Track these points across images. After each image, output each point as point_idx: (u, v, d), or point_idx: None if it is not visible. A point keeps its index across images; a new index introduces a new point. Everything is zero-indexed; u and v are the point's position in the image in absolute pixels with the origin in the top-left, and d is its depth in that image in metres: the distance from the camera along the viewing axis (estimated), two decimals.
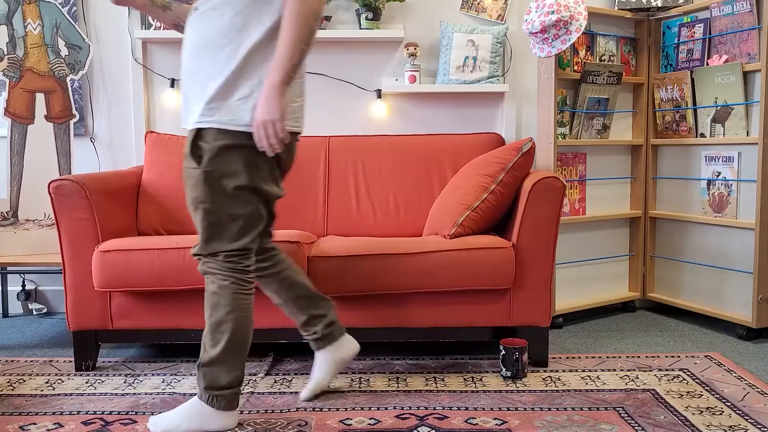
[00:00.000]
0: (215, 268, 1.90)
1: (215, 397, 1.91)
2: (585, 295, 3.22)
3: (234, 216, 1.88)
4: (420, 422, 2.00)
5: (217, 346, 1.90)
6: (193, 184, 1.88)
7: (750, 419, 1.99)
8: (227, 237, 1.88)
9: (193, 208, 1.90)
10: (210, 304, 1.91)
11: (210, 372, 1.90)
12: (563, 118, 3.08)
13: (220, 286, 1.89)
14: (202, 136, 1.85)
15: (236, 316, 1.90)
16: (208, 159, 1.84)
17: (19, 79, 3.03)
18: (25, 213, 3.03)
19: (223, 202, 1.86)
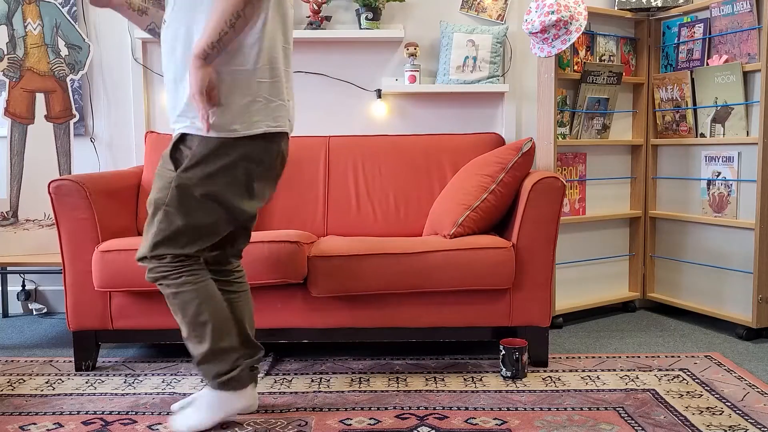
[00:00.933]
0: (164, 271, 1.88)
1: (225, 382, 1.91)
2: (585, 295, 3.22)
3: (194, 224, 1.87)
4: (420, 422, 2.00)
5: (205, 340, 1.89)
6: (163, 185, 1.87)
7: (750, 419, 1.99)
8: (179, 242, 1.87)
9: (154, 208, 1.88)
10: (177, 305, 1.89)
11: (209, 366, 1.91)
12: (563, 118, 3.08)
13: (177, 284, 1.88)
14: (186, 140, 1.86)
15: (207, 304, 1.89)
16: (186, 166, 1.84)
17: (19, 79, 3.03)
18: (25, 213, 3.03)
19: (189, 208, 1.85)
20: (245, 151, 1.86)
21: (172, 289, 1.89)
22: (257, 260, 2.34)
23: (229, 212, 1.90)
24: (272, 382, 2.34)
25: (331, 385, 2.31)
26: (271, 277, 2.35)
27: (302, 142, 3.03)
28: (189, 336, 1.91)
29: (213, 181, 1.85)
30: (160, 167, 1.90)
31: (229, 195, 1.87)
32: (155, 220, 1.88)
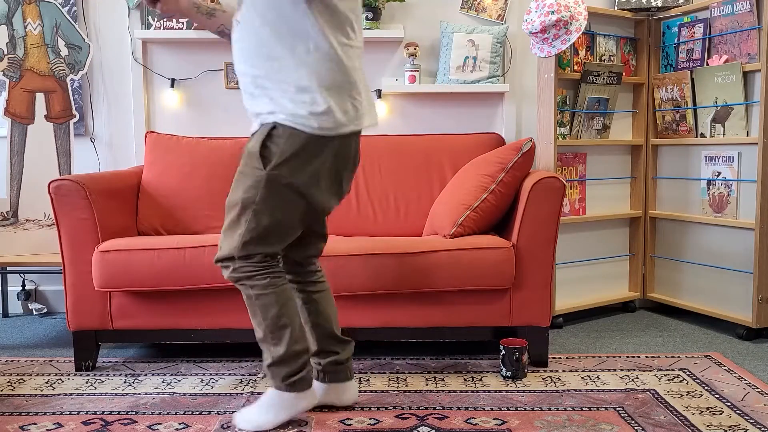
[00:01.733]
0: (250, 271, 1.88)
1: (293, 383, 1.92)
2: (585, 295, 3.22)
3: (281, 221, 1.87)
4: (420, 422, 2.00)
5: (281, 343, 1.90)
6: (252, 184, 1.85)
7: (750, 419, 1.99)
8: (268, 241, 1.87)
9: (240, 208, 1.86)
10: (258, 306, 1.89)
11: (281, 369, 1.91)
12: (563, 118, 3.08)
13: (261, 286, 1.88)
14: (273, 137, 1.83)
15: (287, 307, 1.90)
16: (276, 163, 1.82)
17: (19, 79, 3.03)
18: (25, 213, 3.03)
19: (278, 206, 1.85)
20: (332, 147, 1.86)
21: (256, 291, 1.88)
22: None
23: (314, 208, 1.90)
24: None
25: None
26: None
27: None
28: (265, 338, 1.91)
29: (302, 178, 1.84)
30: (245, 166, 1.88)
31: (316, 191, 1.87)
32: (243, 220, 1.86)
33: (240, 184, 1.88)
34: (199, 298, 2.44)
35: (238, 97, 3.28)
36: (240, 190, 1.88)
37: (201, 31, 3.11)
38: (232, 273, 1.90)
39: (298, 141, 1.83)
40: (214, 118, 3.29)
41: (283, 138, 1.83)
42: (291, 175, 1.84)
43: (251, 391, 2.26)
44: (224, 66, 3.25)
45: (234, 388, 2.29)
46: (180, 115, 3.29)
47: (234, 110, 3.28)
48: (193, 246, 2.37)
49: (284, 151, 1.83)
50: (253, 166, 1.86)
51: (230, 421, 2.02)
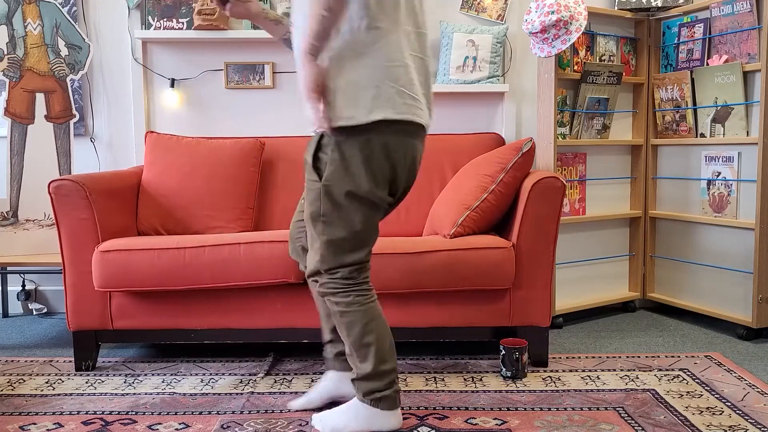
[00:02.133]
0: (334, 287, 1.87)
1: (378, 399, 1.89)
2: (585, 295, 3.22)
3: (353, 228, 1.84)
4: (420, 422, 2.00)
5: (367, 360, 1.88)
6: (314, 198, 1.84)
7: (750, 419, 1.99)
8: (346, 250, 1.85)
9: (312, 222, 1.86)
10: (343, 323, 1.88)
11: (366, 384, 1.89)
12: (563, 118, 3.08)
13: (346, 304, 1.87)
14: (322, 147, 1.81)
15: (373, 325, 1.88)
16: (328, 173, 1.80)
17: (19, 79, 3.03)
18: (25, 213, 3.03)
19: (342, 213, 1.82)
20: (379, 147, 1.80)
21: (341, 308, 1.87)
22: (257, 260, 2.35)
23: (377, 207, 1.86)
24: (272, 382, 2.34)
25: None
26: (271, 277, 2.35)
27: (302, 142, 3.03)
28: (351, 353, 1.90)
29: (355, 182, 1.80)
30: (307, 179, 1.87)
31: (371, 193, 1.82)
32: (317, 233, 1.86)
33: (307, 198, 1.87)
34: (199, 298, 2.44)
35: (238, 97, 3.28)
36: (308, 203, 1.86)
37: (201, 31, 3.11)
38: (319, 288, 1.90)
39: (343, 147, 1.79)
40: (214, 118, 3.29)
41: (331, 146, 1.80)
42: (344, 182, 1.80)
43: (251, 391, 2.26)
44: (224, 66, 3.25)
45: (234, 388, 2.29)
46: (180, 115, 3.29)
47: (234, 110, 3.28)
48: (193, 246, 2.37)
49: (333, 159, 1.80)
50: (311, 178, 1.84)
51: (230, 421, 2.02)
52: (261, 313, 2.44)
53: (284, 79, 3.28)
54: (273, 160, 2.99)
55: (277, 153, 3.00)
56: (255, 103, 3.29)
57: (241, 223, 2.77)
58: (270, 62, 3.25)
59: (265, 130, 3.29)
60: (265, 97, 3.29)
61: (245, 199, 2.81)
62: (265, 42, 3.24)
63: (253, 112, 3.29)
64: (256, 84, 3.27)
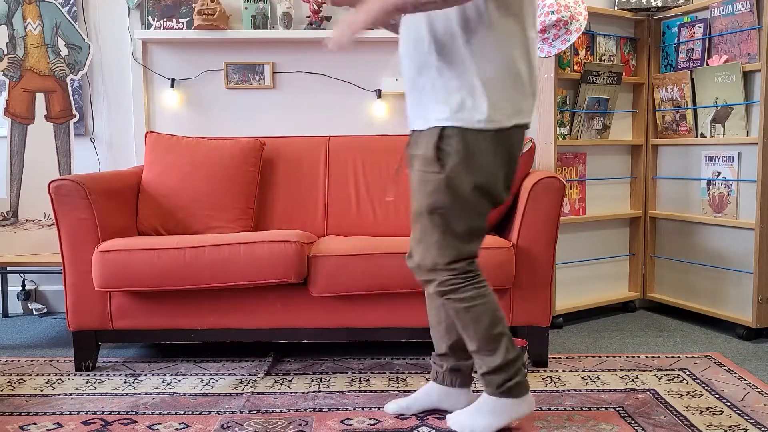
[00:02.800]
0: (456, 284, 1.82)
1: (510, 389, 1.85)
2: (585, 295, 3.22)
3: (471, 222, 1.81)
4: (420, 422, 2.00)
5: (497, 352, 1.83)
6: (432, 189, 1.79)
7: (750, 419, 1.99)
8: (464, 243, 1.81)
9: (428, 215, 1.81)
10: (470, 319, 1.82)
11: (497, 377, 1.84)
12: (563, 118, 3.08)
13: (470, 298, 1.82)
14: (444, 138, 1.77)
15: (499, 314, 1.84)
16: (454, 164, 1.77)
17: (19, 79, 3.03)
18: (25, 213, 3.03)
19: (462, 205, 1.79)
20: (504, 141, 1.80)
21: (465, 304, 1.82)
22: (257, 260, 2.35)
23: (493, 204, 1.85)
24: (272, 382, 2.34)
25: (331, 385, 2.31)
26: (271, 277, 2.35)
27: (302, 142, 3.03)
28: (480, 349, 1.84)
29: (481, 174, 1.78)
30: (422, 171, 1.81)
31: (493, 186, 1.81)
32: (433, 226, 1.80)
33: (421, 191, 1.82)
34: (199, 298, 2.44)
35: (238, 97, 3.28)
36: (422, 196, 1.81)
37: (201, 31, 3.11)
38: (438, 287, 1.83)
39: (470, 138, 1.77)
40: (214, 118, 3.29)
41: (456, 137, 1.77)
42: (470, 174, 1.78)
43: (251, 391, 2.26)
44: (224, 66, 3.25)
45: (234, 388, 2.29)
46: (180, 115, 3.29)
47: (234, 110, 3.28)
48: (193, 246, 2.37)
49: (458, 150, 1.77)
50: (430, 170, 1.79)
51: (230, 421, 2.02)
52: (261, 313, 2.44)
53: (284, 79, 3.28)
54: (273, 160, 2.99)
55: (277, 153, 3.00)
56: (255, 103, 3.29)
57: (241, 223, 2.78)
58: (270, 62, 3.25)
59: (265, 130, 3.29)
60: (265, 97, 3.29)
61: (245, 199, 2.81)
62: (265, 42, 3.24)
63: (253, 112, 3.29)
64: (256, 84, 3.27)
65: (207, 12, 3.06)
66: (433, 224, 1.80)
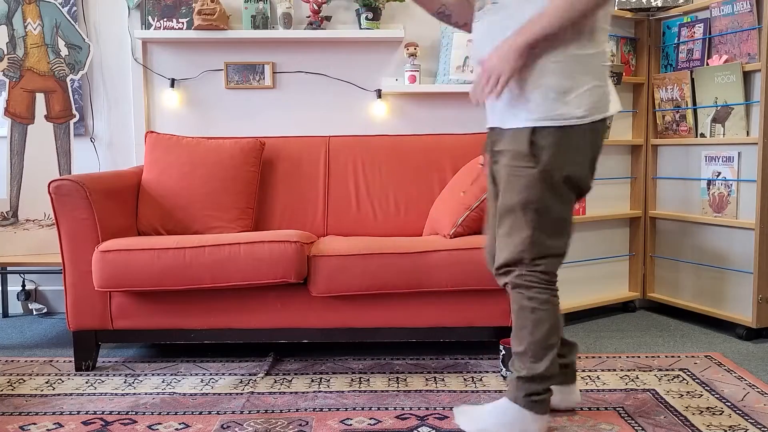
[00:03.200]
0: (533, 281, 1.82)
1: (534, 403, 1.83)
2: (585, 295, 3.22)
3: (562, 217, 1.82)
4: (420, 422, 2.00)
5: (542, 362, 1.82)
6: (525, 185, 1.79)
7: (750, 419, 1.99)
8: (549, 239, 1.81)
9: (520, 210, 1.80)
10: (530, 320, 1.82)
11: (532, 385, 1.83)
12: None
13: (540, 300, 1.81)
14: (538, 133, 1.78)
15: (557, 327, 1.84)
16: (548, 158, 1.77)
17: (19, 79, 3.03)
18: (25, 213, 3.03)
19: (554, 199, 1.80)
20: (593, 135, 1.82)
21: (534, 304, 1.81)
22: (257, 260, 2.34)
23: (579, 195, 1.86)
24: (272, 382, 2.34)
25: (331, 385, 2.31)
26: (271, 277, 2.35)
27: (302, 142, 3.03)
28: (525, 352, 1.83)
29: (573, 168, 1.80)
30: (512, 167, 1.81)
31: (583, 178, 1.83)
32: (525, 221, 1.80)
33: (511, 186, 1.82)
34: (199, 298, 2.44)
35: (238, 97, 3.28)
36: (513, 192, 1.81)
37: (201, 31, 3.11)
38: (514, 278, 1.83)
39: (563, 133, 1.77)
40: (214, 118, 3.29)
41: (550, 132, 1.77)
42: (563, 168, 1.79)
43: (251, 391, 2.26)
44: (224, 66, 3.25)
45: (234, 388, 2.29)
46: (180, 115, 3.29)
47: (234, 110, 3.28)
48: (193, 246, 2.37)
49: (553, 145, 1.77)
50: (523, 164, 1.79)
51: (230, 421, 2.02)
52: (261, 313, 2.44)
53: (284, 79, 3.28)
54: (273, 160, 2.99)
55: (277, 153, 3.00)
56: (255, 103, 3.29)
57: (241, 223, 2.78)
58: (270, 62, 3.25)
59: (265, 130, 3.29)
60: (265, 97, 3.29)
61: (245, 199, 2.81)
62: (265, 42, 3.24)
63: (253, 112, 3.29)
64: (256, 84, 3.27)
65: (207, 12, 3.06)
66: (525, 219, 1.81)
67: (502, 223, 1.85)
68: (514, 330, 1.87)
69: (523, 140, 1.79)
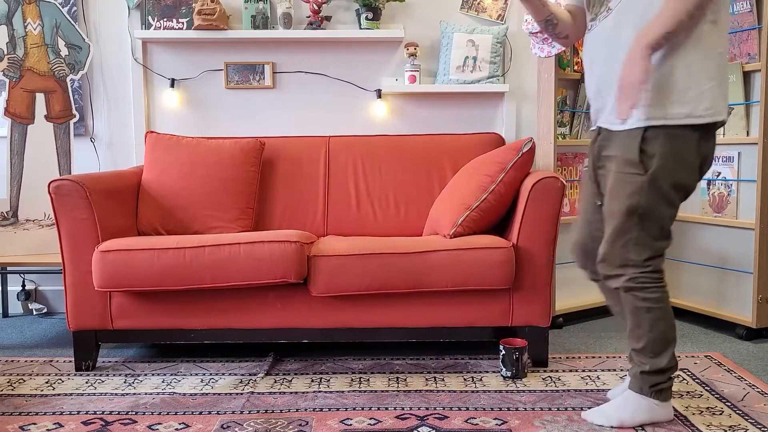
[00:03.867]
0: (645, 282, 1.88)
1: (659, 391, 1.93)
2: (585, 295, 3.22)
3: (665, 218, 1.87)
4: (420, 422, 2.00)
5: (663, 356, 1.90)
6: (634, 190, 1.84)
7: (750, 419, 1.99)
8: (656, 241, 1.88)
9: (627, 215, 1.86)
10: (647, 319, 1.89)
11: (656, 377, 1.91)
12: (563, 118, 3.08)
13: (654, 299, 1.88)
14: (648, 139, 1.82)
15: (672, 325, 1.91)
16: (657, 165, 1.81)
17: (19, 79, 3.03)
18: (25, 213, 3.03)
19: (661, 204, 1.85)
20: (704, 140, 1.84)
21: (648, 304, 1.88)
22: (257, 260, 2.35)
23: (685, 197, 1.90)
24: (272, 382, 2.34)
25: (331, 385, 2.31)
26: (271, 277, 2.35)
27: (302, 142, 3.03)
28: (645, 349, 1.91)
29: (682, 173, 1.84)
30: (622, 173, 1.87)
31: (692, 183, 1.87)
32: (632, 224, 1.86)
33: (619, 191, 1.87)
34: (199, 298, 2.44)
35: (238, 97, 3.28)
36: (622, 197, 1.86)
37: (201, 31, 3.11)
38: (626, 282, 1.89)
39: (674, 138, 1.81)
40: (214, 118, 3.29)
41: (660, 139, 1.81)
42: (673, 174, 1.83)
43: (251, 391, 2.26)
44: (224, 66, 3.25)
45: (234, 388, 2.29)
46: (180, 115, 3.29)
47: (234, 110, 3.28)
48: (193, 246, 2.37)
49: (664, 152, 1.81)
50: (632, 171, 1.84)
51: (230, 421, 2.02)
52: (261, 313, 2.44)
53: (284, 79, 3.28)
54: (273, 160, 2.99)
55: (277, 153, 3.00)
56: (255, 103, 3.29)
57: (241, 223, 2.78)
58: (270, 62, 3.25)
59: (265, 130, 3.29)
60: (265, 97, 3.29)
61: (245, 199, 2.81)
62: (265, 42, 3.24)
63: (253, 112, 3.29)
64: (256, 84, 3.27)
65: (207, 12, 3.06)
66: (632, 223, 1.86)
67: (609, 227, 1.91)
68: (631, 328, 1.94)
69: (633, 147, 1.84)
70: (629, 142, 1.84)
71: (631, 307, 1.90)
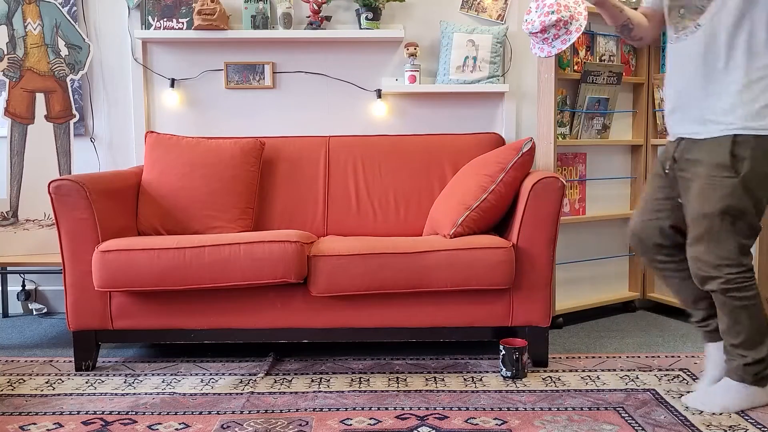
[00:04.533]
0: (741, 282, 1.97)
1: (759, 379, 2.02)
2: (585, 295, 3.22)
3: (756, 218, 1.97)
4: (420, 422, 2.00)
5: (761, 347, 2.00)
6: (726, 193, 1.93)
7: (750, 419, 1.99)
8: (747, 240, 1.97)
9: (719, 217, 1.95)
10: (745, 316, 1.98)
11: (757, 367, 2.01)
12: (563, 118, 3.08)
13: (750, 297, 1.97)
14: (739, 144, 1.91)
15: (765, 317, 2.00)
16: (749, 168, 1.91)
17: (19, 79, 3.03)
18: (25, 213, 3.03)
19: (752, 208, 1.95)
20: None
21: (744, 302, 1.97)
22: (257, 260, 2.35)
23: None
24: (272, 382, 2.34)
25: (331, 385, 2.32)
26: (271, 277, 2.35)
27: (302, 142, 3.03)
28: (744, 343, 2.00)
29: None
30: (710, 177, 1.95)
31: None
32: (725, 226, 1.95)
33: (710, 194, 1.95)
34: (199, 298, 2.44)
35: (238, 97, 3.28)
36: (713, 200, 1.95)
37: (201, 31, 3.11)
38: (723, 284, 1.97)
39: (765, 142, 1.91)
40: (214, 118, 3.29)
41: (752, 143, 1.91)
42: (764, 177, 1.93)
43: (251, 391, 2.26)
44: (224, 66, 3.25)
45: (234, 388, 2.29)
46: (180, 115, 3.29)
47: (234, 110, 3.28)
48: (193, 246, 2.37)
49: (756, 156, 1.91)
50: (723, 174, 1.93)
51: (230, 421, 2.02)
52: (261, 313, 2.44)
53: (284, 79, 3.28)
54: (273, 160, 2.99)
55: (277, 153, 3.00)
56: (255, 103, 3.29)
57: (241, 223, 2.78)
58: (270, 62, 3.25)
59: (265, 130, 3.29)
60: (265, 97, 3.29)
61: (245, 198, 2.81)
62: (265, 42, 3.24)
63: (253, 112, 3.29)
64: (256, 84, 3.27)
65: (207, 12, 3.06)
66: (724, 224, 1.95)
67: (699, 228, 1.98)
68: (727, 326, 2.02)
69: (724, 151, 1.93)
70: (716, 148, 1.94)
71: (730, 307, 1.99)
